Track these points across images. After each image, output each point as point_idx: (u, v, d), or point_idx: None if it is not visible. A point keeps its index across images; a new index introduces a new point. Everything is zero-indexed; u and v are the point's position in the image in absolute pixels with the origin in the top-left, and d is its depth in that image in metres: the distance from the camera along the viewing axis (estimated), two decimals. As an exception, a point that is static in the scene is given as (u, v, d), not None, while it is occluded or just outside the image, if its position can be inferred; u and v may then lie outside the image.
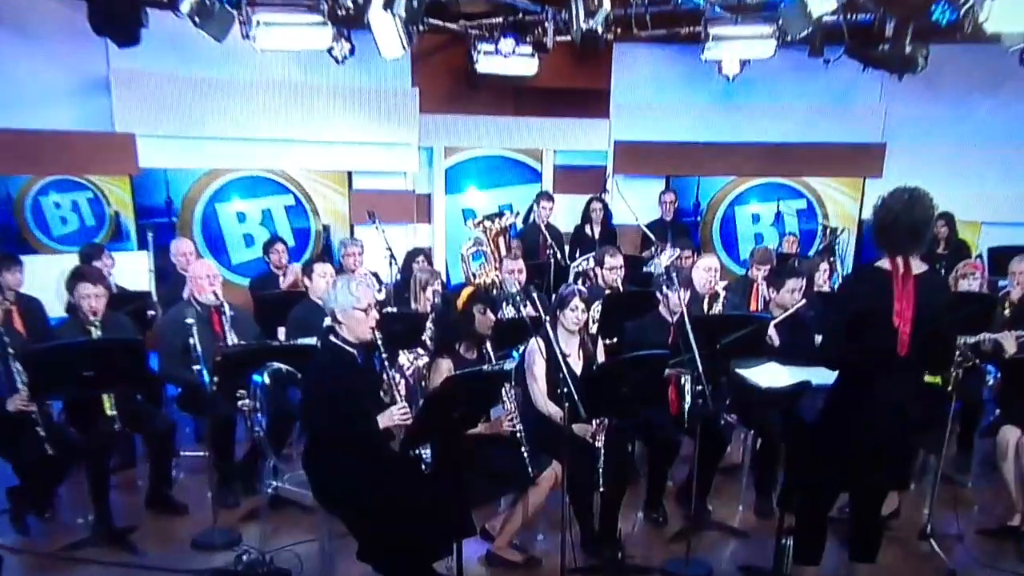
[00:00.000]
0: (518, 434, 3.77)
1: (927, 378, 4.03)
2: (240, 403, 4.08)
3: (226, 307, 4.86)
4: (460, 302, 3.93)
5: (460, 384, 3.36)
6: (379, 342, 3.46)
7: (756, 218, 9.07)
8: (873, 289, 3.09)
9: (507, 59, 7.50)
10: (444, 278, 6.40)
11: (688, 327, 3.66)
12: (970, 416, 5.22)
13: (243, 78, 7.39)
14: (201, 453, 4.90)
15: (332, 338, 3.52)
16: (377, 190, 8.23)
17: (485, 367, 3.52)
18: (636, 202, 8.08)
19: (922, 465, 5.00)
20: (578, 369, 4.16)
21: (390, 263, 6.22)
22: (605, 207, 7.92)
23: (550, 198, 7.70)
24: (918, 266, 3.12)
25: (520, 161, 8.96)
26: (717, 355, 3.94)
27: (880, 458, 3.27)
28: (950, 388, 4.10)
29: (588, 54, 7.49)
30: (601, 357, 4.38)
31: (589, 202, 7.91)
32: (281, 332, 5.29)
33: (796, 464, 3.73)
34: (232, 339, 4.80)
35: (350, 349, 3.50)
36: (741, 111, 8.55)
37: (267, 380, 3.92)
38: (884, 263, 3.14)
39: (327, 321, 3.63)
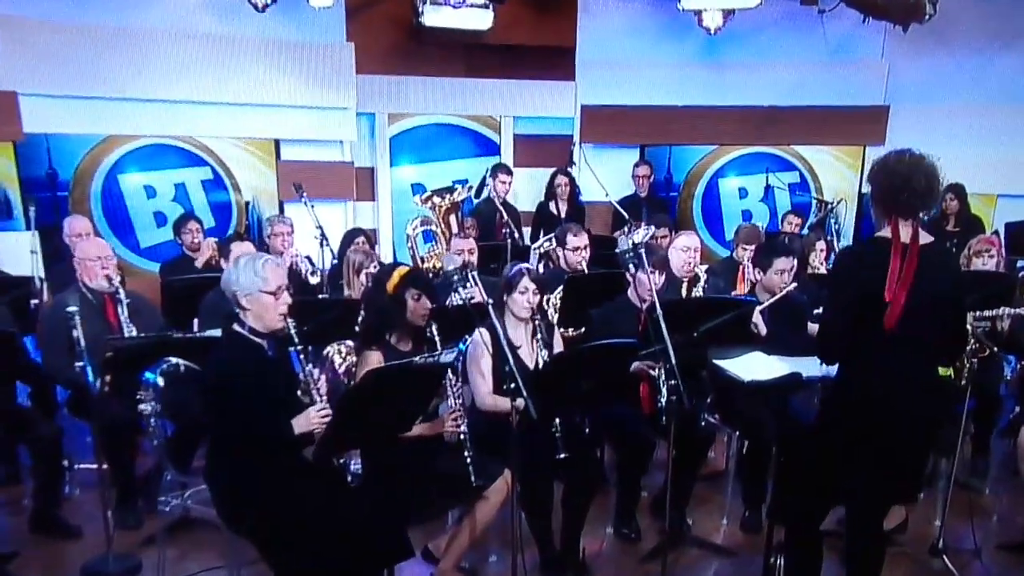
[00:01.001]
0: (462, 436, 3.65)
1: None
2: (140, 406, 3.88)
3: (121, 293, 4.67)
4: (391, 284, 3.77)
5: (383, 380, 3.21)
6: (292, 331, 3.31)
7: (743, 192, 9.01)
8: (877, 264, 3.02)
9: (457, 10, 7.38)
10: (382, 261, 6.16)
11: (659, 313, 3.52)
12: (986, 414, 5.12)
13: (147, 28, 7.16)
14: (95, 465, 4.61)
15: (236, 327, 3.35)
16: (310, 161, 8.07)
17: (417, 359, 3.37)
18: (606, 175, 7.99)
19: (932, 470, 4.89)
20: (531, 363, 4.05)
21: (322, 244, 6.07)
22: (572, 181, 7.87)
23: (508, 171, 7.62)
24: (924, 237, 3.07)
25: (474, 130, 8.83)
26: (694, 345, 3.82)
27: (887, 466, 3.18)
28: (963, 382, 4.00)
29: (550, 5, 7.40)
30: (560, 348, 4.26)
31: (553, 176, 7.86)
32: (196, 324, 5.10)
33: (788, 471, 3.63)
34: (130, 331, 4.61)
35: (257, 340, 3.34)
36: (724, 70, 8.47)
37: (159, 380, 3.74)
38: (886, 232, 3.08)
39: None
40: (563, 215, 7.67)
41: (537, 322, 4.07)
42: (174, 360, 3.82)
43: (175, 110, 7.42)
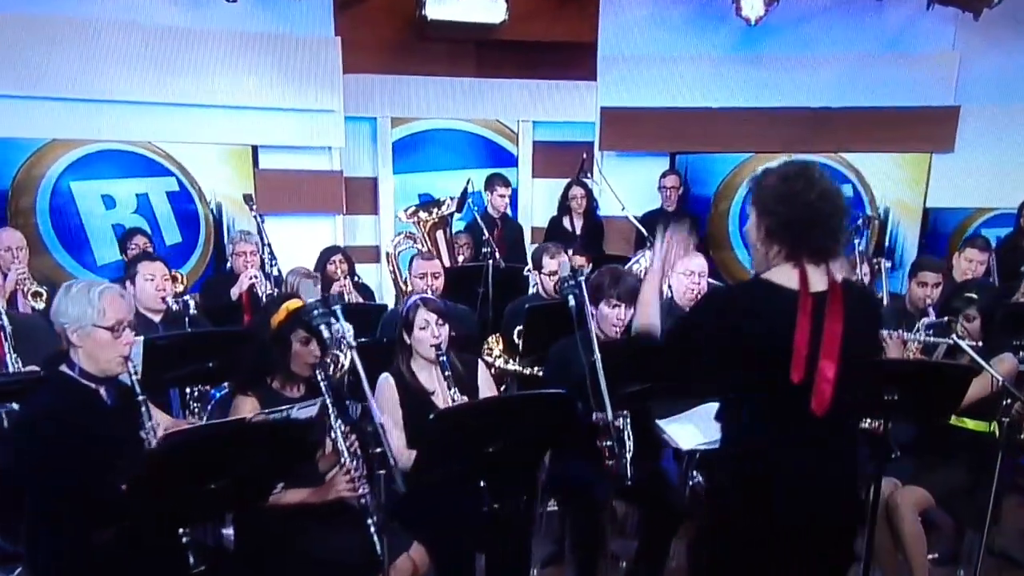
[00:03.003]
0: (363, 500, 3.16)
1: (970, 424, 3.72)
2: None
3: (3, 318, 4.28)
4: (276, 319, 3.29)
5: (187, 446, 2.67)
6: (134, 379, 2.92)
7: None
8: (770, 317, 2.44)
9: (460, 1, 6.96)
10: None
11: (596, 357, 2.87)
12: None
13: (100, 19, 6.55)
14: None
15: (65, 369, 2.90)
16: (292, 170, 7.41)
17: (250, 416, 2.96)
18: (630, 187, 7.39)
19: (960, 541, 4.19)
20: None
21: (269, 265, 5.42)
22: (588, 194, 7.29)
23: (505, 182, 7.17)
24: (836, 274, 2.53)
25: (485, 137, 8.24)
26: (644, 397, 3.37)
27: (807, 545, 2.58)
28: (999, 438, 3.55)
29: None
30: (489, 391, 3.86)
31: (567, 188, 7.36)
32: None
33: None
34: (16, 364, 4.20)
35: (90, 385, 2.89)
36: (765, 67, 7.81)
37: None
38: (779, 277, 2.47)
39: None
40: (578, 231, 7.22)
41: (443, 359, 3.59)
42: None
43: (132, 112, 6.78)
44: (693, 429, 3.36)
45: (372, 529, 3.11)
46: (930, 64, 7.64)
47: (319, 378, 3.29)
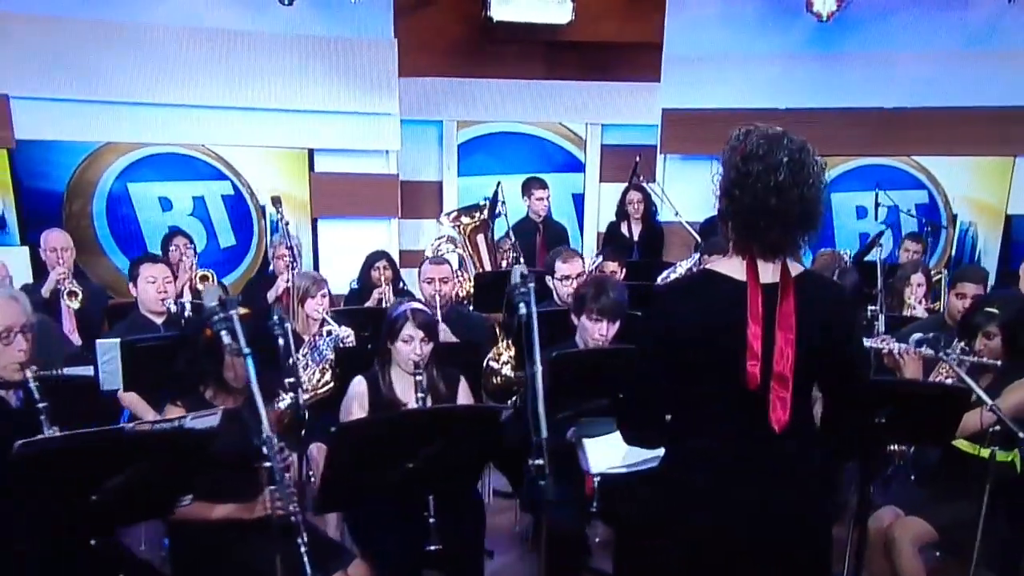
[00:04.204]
0: (294, 519, 2.83)
1: (985, 453, 3.22)
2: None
3: None
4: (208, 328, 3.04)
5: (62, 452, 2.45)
6: (33, 385, 2.79)
7: (862, 212, 7.74)
8: (716, 309, 2.15)
9: (525, 1, 6.86)
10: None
11: (536, 369, 2.45)
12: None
13: (154, 24, 6.58)
14: None
15: None
16: (347, 173, 7.36)
17: (128, 426, 2.71)
18: (691, 192, 7.15)
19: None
20: None
21: (291, 268, 5.24)
22: (646, 198, 7.11)
23: (543, 185, 7.02)
24: (795, 267, 2.19)
25: (551, 140, 8.13)
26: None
27: None
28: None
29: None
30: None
31: (624, 192, 7.17)
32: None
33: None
34: None
35: None
36: (837, 65, 7.46)
37: None
38: (725, 266, 2.19)
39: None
40: (636, 237, 7.12)
41: (420, 378, 3.39)
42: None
43: (187, 115, 6.80)
44: (611, 450, 3.08)
45: (302, 549, 2.84)
46: (1015, 62, 7.17)
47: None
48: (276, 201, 5.32)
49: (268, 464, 2.55)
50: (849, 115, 7.42)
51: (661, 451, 2.34)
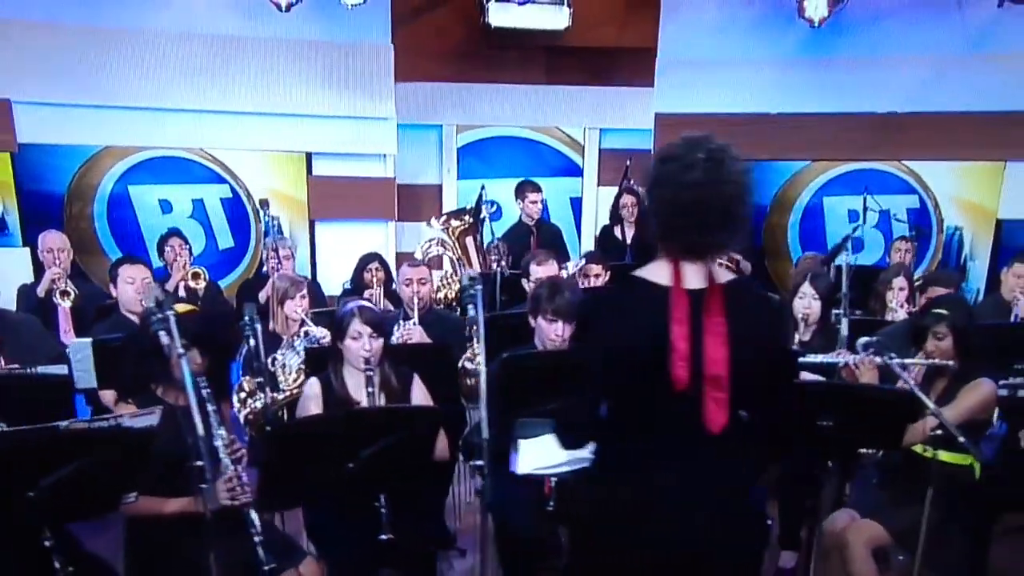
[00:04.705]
0: (249, 513, 2.92)
1: (944, 456, 3.21)
2: None
3: None
4: None
5: None
6: None
7: (853, 216, 7.72)
8: (641, 314, 2.16)
9: (523, 7, 6.83)
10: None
11: (481, 371, 2.57)
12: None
13: (154, 29, 6.61)
14: None
15: None
16: (345, 176, 7.41)
17: (64, 424, 2.60)
18: None
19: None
20: None
21: (275, 268, 5.34)
22: (640, 202, 7.01)
23: (536, 188, 7.05)
24: (724, 274, 2.20)
25: (548, 145, 8.20)
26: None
27: None
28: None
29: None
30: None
31: (618, 196, 7.17)
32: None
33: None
34: None
35: None
36: (832, 70, 7.40)
37: None
38: (652, 272, 2.19)
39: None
40: (629, 241, 6.99)
41: (372, 375, 3.42)
42: None
43: (186, 119, 6.84)
44: (543, 451, 3.00)
45: (256, 540, 2.90)
46: (1007, 64, 7.11)
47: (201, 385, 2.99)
48: (264, 204, 5.41)
49: (200, 463, 2.56)
50: (841, 119, 7.42)
51: (589, 452, 2.35)
